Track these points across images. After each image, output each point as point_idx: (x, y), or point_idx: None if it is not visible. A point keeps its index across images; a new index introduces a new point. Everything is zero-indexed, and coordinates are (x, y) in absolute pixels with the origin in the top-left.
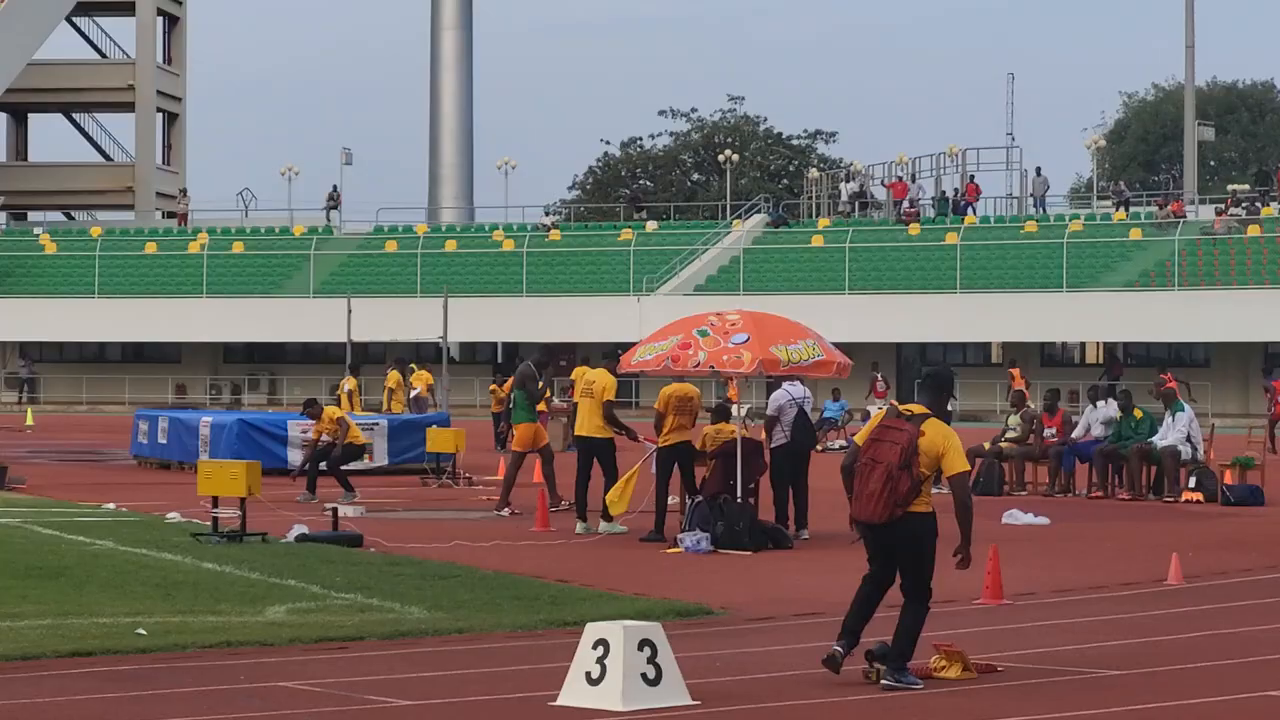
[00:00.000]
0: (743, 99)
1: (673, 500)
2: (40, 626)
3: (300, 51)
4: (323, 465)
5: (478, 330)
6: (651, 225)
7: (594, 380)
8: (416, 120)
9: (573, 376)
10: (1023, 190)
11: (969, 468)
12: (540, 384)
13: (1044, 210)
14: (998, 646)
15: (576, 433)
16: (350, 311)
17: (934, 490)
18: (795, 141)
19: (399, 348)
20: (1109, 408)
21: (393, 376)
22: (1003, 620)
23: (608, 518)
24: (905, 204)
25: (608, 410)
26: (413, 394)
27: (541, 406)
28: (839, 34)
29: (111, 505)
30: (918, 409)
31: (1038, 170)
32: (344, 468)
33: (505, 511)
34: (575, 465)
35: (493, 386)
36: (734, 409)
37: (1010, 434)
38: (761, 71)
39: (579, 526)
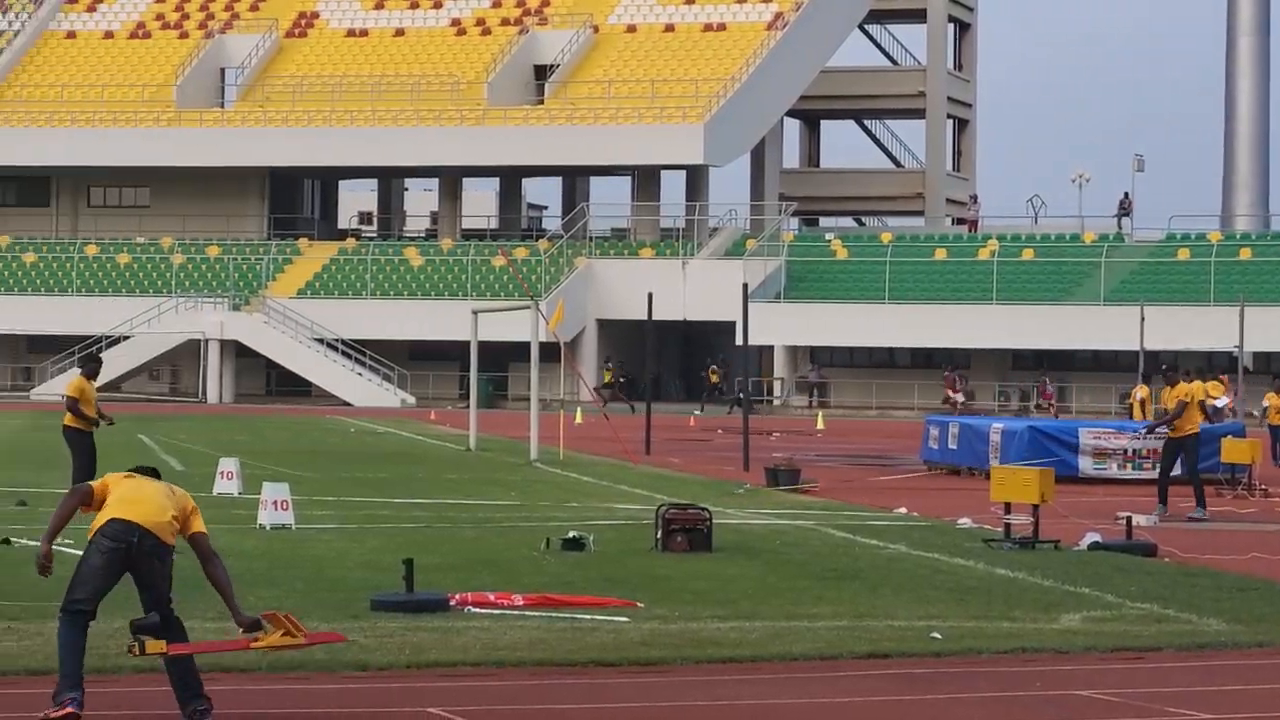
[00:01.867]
0: None
1: None
2: (837, 627)
3: (1092, 58)
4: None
5: (1274, 340)
6: None
7: None
8: (1211, 127)
9: None
10: None
11: None
12: None
13: None
14: None
15: None
16: (1143, 320)
17: None
18: None
19: (1190, 357)
20: None
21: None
22: None
23: None
24: None
25: None
26: (1216, 404)
27: None
28: None
29: (903, 510)
30: None
31: None
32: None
33: None
34: None
35: None
36: None
37: None
38: None
39: None
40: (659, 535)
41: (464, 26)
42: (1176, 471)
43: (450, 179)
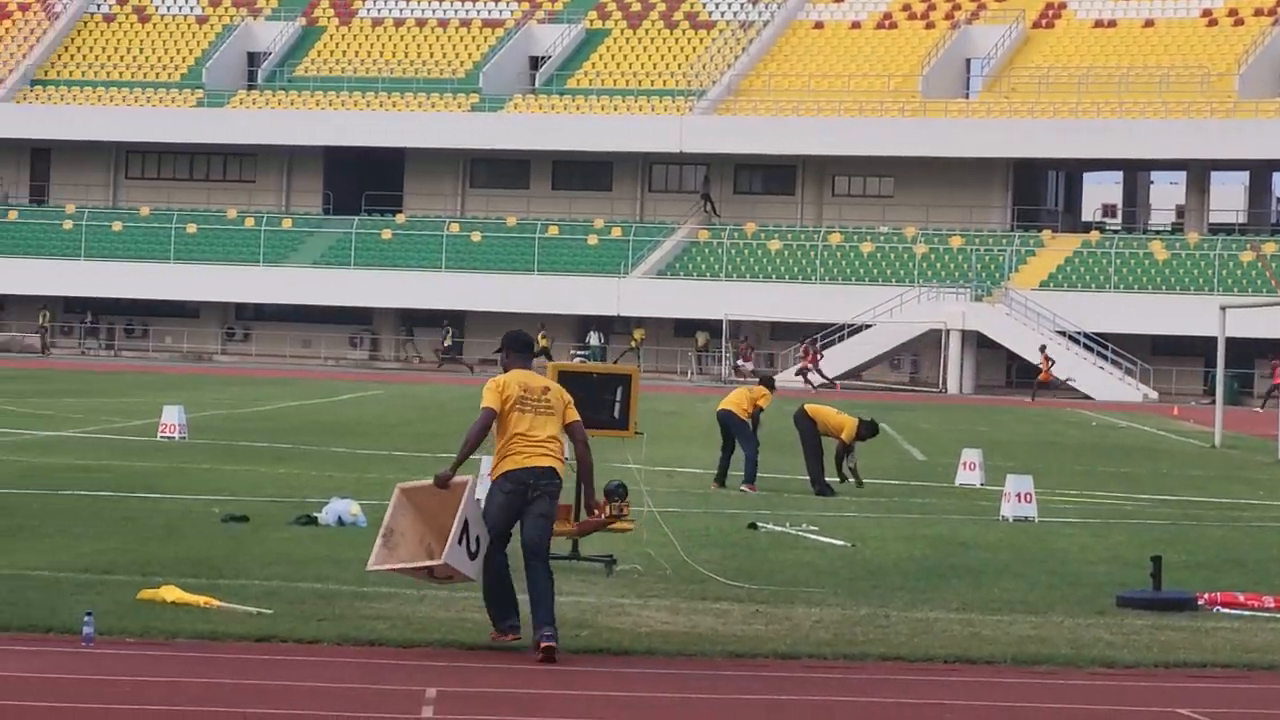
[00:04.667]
0: None
1: None
2: None
3: None
4: None
5: None
6: None
7: None
8: None
9: None
10: None
11: None
12: None
13: None
14: None
15: None
16: None
17: None
18: None
19: None
20: None
21: None
22: None
23: None
24: None
25: None
26: None
27: None
28: None
29: None
30: None
31: None
32: None
33: None
34: None
35: None
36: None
37: None
38: None
39: None
40: None
41: (1215, 17)
42: None
43: (1197, 172)
